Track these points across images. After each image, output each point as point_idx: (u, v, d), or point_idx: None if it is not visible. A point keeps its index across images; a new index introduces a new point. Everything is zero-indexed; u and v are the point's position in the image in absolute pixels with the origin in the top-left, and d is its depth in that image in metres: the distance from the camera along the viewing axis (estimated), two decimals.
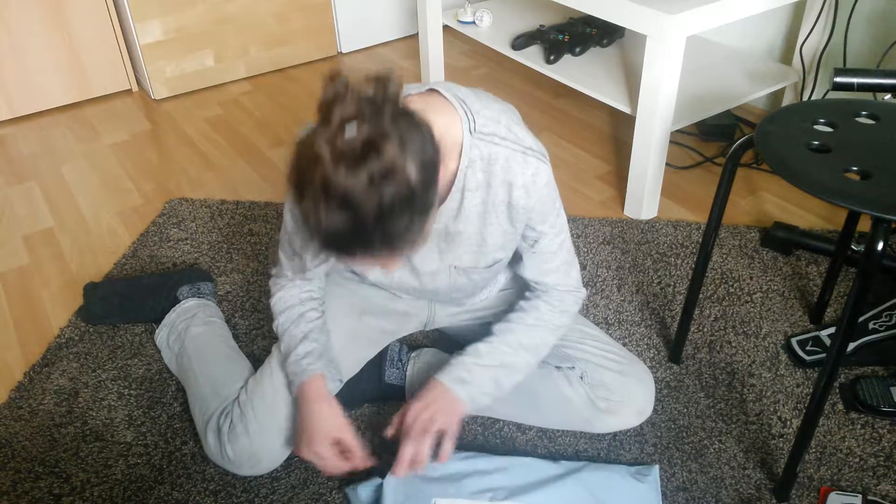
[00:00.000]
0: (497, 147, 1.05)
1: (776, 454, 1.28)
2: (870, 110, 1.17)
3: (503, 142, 1.06)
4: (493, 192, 1.08)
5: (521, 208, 1.09)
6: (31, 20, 2.38)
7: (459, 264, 1.17)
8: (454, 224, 1.11)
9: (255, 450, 1.20)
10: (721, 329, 1.54)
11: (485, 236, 1.13)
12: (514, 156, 1.06)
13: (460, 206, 1.09)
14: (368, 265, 0.92)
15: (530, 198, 1.08)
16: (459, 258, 1.16)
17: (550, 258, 1.18)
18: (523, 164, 1.06)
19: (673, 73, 1.68)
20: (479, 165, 1.06)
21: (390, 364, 1.36)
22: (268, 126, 2.42)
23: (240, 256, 1.79)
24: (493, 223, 1.11)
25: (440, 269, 1.18)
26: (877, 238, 0.96)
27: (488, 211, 1.10)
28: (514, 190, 1.07)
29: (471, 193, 1.08)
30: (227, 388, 1.29)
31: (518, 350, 1.19)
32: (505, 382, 1.19)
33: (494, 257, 1.16)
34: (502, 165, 1.06)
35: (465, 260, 1.16)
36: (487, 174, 1.06)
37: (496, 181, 1.07)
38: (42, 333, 1.62)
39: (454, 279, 1.20)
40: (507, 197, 1.08)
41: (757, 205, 1.93)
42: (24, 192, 2.12)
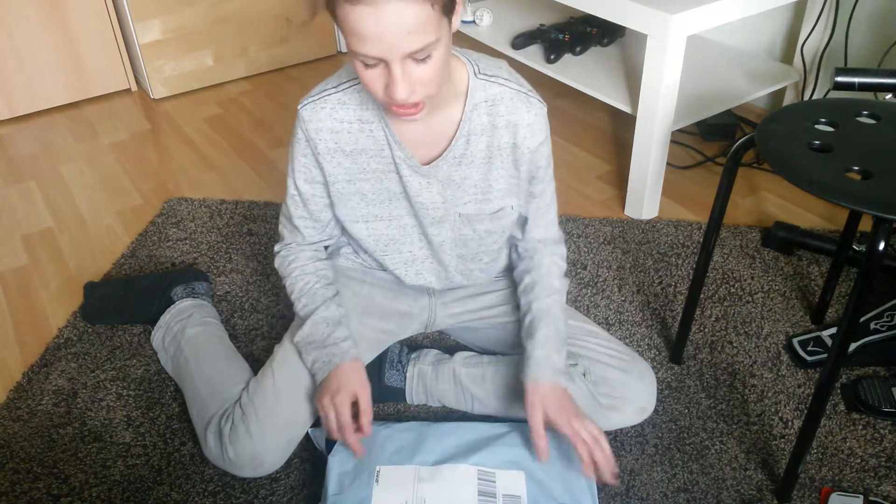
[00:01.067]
0: (501, 87, 1.10)
1: (777, 455, 1.28)
2: (871, 110, 1.17)
3: (507, 83, 1.10)
4: (498, 134, 1.11)
5: (525, 149, 1.13)
6: (31, 20, 2.38)
7: (464, 211, 1.18)
8: (458, 170, 1.14)
9: (256, 451, 1.19)
10: (722, 329, 1.53)
11: (490, 182, 1.16)
12: (518, 96, 1.10)
13: (465, 152, 1.12)
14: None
15: (535, 138, 1.12)
16: (464, 206, 1.18)
17: (547, 212, 1.24)
18: (527, 104, 1.10)
19: (673, 73, 1.67)
20: (483, 108, 1.10)
21: (390, 366, 1.36)
22: (267, 126, 2.42)
23: (239, 256, 1.79)
24: (498, 167, 1.15)
25: (445, 218, 1.19)
26: (878, 238, 0.95)
27: (493, 155, 1.13)
28: (518, 130, 1.11)
29: (476, 138, 1.11)
30: (226, 390, 1.28)
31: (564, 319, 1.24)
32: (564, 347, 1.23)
33: (500, 204, 1.18)
34: (507, 106, 1.10)
35: (470, 208, 1.18)
36: (492, 116, 1.10)
37: (501, 122, 1.11)
38: (41, 334, 1.61)
39: (459, 229, 1.21)
40: (511, 139, 1.12)
41: (758, 204, 1.92)
42: (23, 192, 2.11)
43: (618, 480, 1.21)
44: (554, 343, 1.20)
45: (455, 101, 1.09)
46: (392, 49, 0.89)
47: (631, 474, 1.25)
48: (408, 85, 0.93)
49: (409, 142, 1.12)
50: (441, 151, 1.12)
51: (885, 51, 1.92)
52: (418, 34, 0.88)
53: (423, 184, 1.15)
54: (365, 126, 1.12)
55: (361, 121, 1.11)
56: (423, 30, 0.88)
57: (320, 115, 1.11)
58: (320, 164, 1.16)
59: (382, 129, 1.11)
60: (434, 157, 1.13)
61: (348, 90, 1.11)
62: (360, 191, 1.18)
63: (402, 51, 0.89)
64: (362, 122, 1.11)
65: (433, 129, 1.11)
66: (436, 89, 0.97)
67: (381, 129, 1.11)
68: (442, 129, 1.11)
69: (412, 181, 1.15)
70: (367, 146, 1.13)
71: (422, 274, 1.30)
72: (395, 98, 0.94)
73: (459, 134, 1.10)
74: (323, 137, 1.13)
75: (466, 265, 1.29)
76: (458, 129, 1.10)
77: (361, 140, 1.13)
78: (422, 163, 1.13)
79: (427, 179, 1.14)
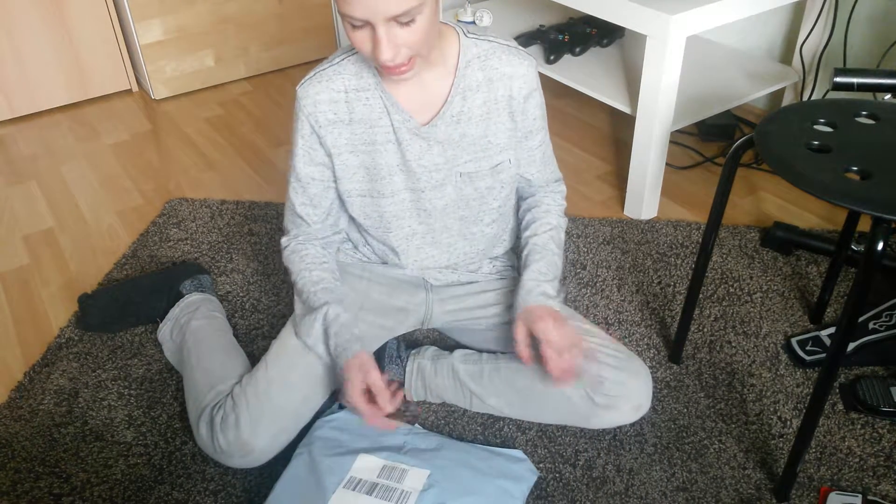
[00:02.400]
0: (491, 43, 1.15)
1: (776, 454, 1.28)
2: (870, 110, 1.17)
3: (496, 40, 1.16)
4: (493, 87, 1.15)
5: (520, 99, 1.16)
6: (31, 20, 2.38)
7: (464, 170, 1.20)
8: (457, 128, 1.17)
9: (245, 440, 1.20)
10: (721, 329, 1.54)
11: (488, 137, 1.19)
12: (509, 50, 1.15)
13: (462, 109, 1.15)
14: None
15: (528, 87, 1.16)
16: (465, 164, 1.20)
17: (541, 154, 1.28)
18: (519, 57, 1.15)
19: (673, 73, 1.68)
20: (476, 64, 1.14)
21: (389, 361, 1.37)
22: (268, 126, 2.42)
23: (240, 256, 1.80)
24: (496, 122, 1.18)
25: (447, 180, 1.21)
26: (877, 238, 0.96)
27: (490, 110, 1.17)
28: (514, 81, 1.15)
29: (472, 94, 1.15)
30: (221, 383, 1.30)
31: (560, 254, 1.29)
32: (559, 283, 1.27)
33: (499, 159, 1.21)
34: (500, 58, 1.14)
35: (470, 166, 1.21)
36: (486, 70, 1.14)
37: (496, 75, 1.15)
38: (42, 333, 1.62)
39: (460, 189, 1.23)
40: (507, 91, 1.16)
41: (757, 205, 1.93)
42: (24, 192, 2.12)
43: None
44: (546, 275, 1.23)
45: (445, 62, 1.13)
46: (375, 12, 0.94)
47: (630, 473, 1.26)
48: (392, 47, 0.98)
49: (407, 104, 1.15)
50: (438, 111, 1.15)
51: (885, 51, 1.92)
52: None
53: (423, 146, 1.17)
54: (361, 94, 1.15)
55: (357, 89, 1.15)
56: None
57: (317, 89, 1.15)
58: (321, 139, 1.18)
59: (379, 96, 1.14)
60: (432, 118, 1.16)
61: (343, 62, 1.15)
62: (363, 164, 1.20)
63: (385, 13, 0.94)
64: (358, 90, 1.15)
65: (428, 89, 1.14)
66: (422, 50, 1.02)
67: (378, 95, 1.14)
68: (437, 88, 1.14)
69: (412, 145, 1.17)
70: (364, 114, 1.16)
71: (423, 248, 1.31)
72: (379, 59, 0.99)
73: (454, 91, 1.13)
74: (321, 110, 1.16)
75: (469, 228, 1.30)
76: (453, 86, 1.13)
77: (359, 108, 1.16)
78: (421, 125, 1.16)
79: (427, 142, 1.17)
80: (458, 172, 1.21)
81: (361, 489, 1.13)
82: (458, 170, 1.21)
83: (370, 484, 1.13)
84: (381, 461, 1.17)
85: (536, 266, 1.24)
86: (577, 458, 1.28)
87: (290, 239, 1.29)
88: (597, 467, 1.26)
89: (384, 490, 1.12)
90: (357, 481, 1.14)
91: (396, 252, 1.31)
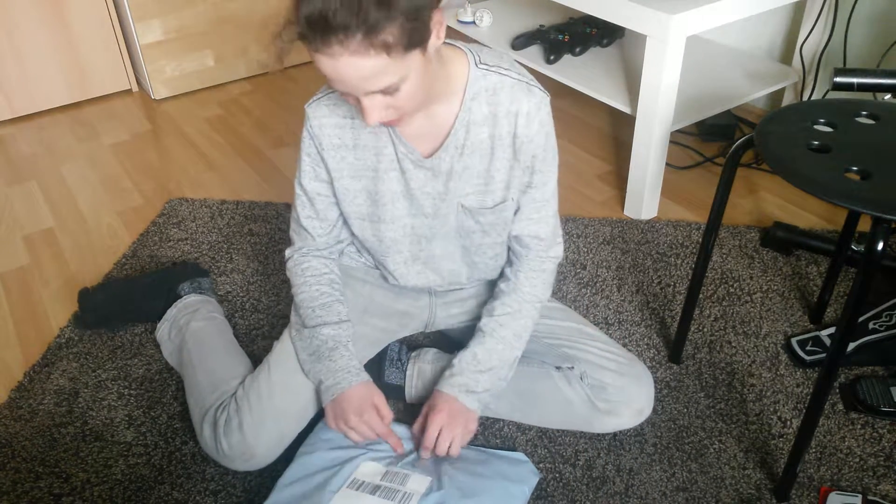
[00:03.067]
0: (502, 77, 1.10)
1: (776, 454, 1.28)
2: (870, 110, 1.17)
3: (508, 72, 1.11)
4: (499, 123, 1.11)
5: (524, 137, 1.12)
6: (32, 20, 2.38)
7: (466, 203, 1.19)
8: (460, 160, 1.14)
9: (249, 444, 1.20)
10: (721, 329, 1.54)
11: (492, 173, 1.16)
12: (518, 85, 1.10)
13: (465, 142, 1.12)
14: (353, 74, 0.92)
15: (533, 125, 1.12)
16: (466, 197, 1.18)
17: (543, 207, 1.23)
18: (528, 94, 1.10)
19: (673, 73, 1.68)
20: (483, 97, 1.10)
21: (390, 364, 1.37)
22: (268, 126, 2.42)
23: (240, 256, 1.80)
24: (500, 157, 1.15)
25: (449, 211, 1.20)
26: (877, 238, 0.96)
27: (495, 146, 1.14)
28: (519, 118, 1.11)
29: (476, 127, 1.12)
30: (224, 384, 1.30)
31: (511, 342, 1.25)
32: (505, 375, 1.25)
33: (502, 196, 1.18)
34: (507, 94, 1.10)
35: (472, 200, 1.18)
36: (493, 105, 1.11)
37: (501, 111, 1.11)
38: (42, 333, 1.62)
39: (462, 221, 1.21)
40: (512, 128, 1.12)
41: (757, 205, 1.93)
42: (24, 192, 2.12)
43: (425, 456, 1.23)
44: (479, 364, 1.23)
45: (453, 93, 1.10)
46: (355, 90, 0.94)
47: (630, 473, 1.26)
48: (377, 112, 0.98)
49: (411, 136, 1.13)
50: (442, 143, 1.13)
51: (885, 51, 1.92)
52: (377, 79, 0.92)
53: (426, 176, 1.16)
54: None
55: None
56: (381, 75, 0.92)
57: (324, 112, 1.14)
58: (325, 161, 1.17)
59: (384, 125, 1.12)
60: (435, 150, 1.14)
61: None
62: (365, 188, 1.19)
63: (363, 91, 0.95)
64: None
65: (434, 121, 1.12)
66: (413, 108, 1.01)
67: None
68: (442, 120, 1.12)
69: (415, 176, 1.16)
70: (369, 142, 1.15)
71: (423, 274, 1.30)
72: (366, 122, 0.99)
73: (459, 123, 1.11)
74: (327, 133, 1.15)
75: (471, 257, 1.29)
76: (458, 118, 1.11)
77: (363, 136, 1.14)
78: (424, 156, 1.14)
79: (431, 172, 1.15)
80: (460, 204, 1.19)
81: (365, 489, 1.13)
82: (459, 201, 1.19)
83: (373, 486, 1.14)
84: (383, 468, 1.18)
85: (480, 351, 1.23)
86: (577, 459, 1.28)
87: (294, 251, 1.29)
88: (597, 467, 1.26)
89: (387, 491, 1.12)
90: (360, 483, 1.14)
91: (393, 276, 1.31)
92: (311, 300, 1.25)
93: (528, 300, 1.26)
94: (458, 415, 1.19)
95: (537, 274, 1.27)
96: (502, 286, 1.28)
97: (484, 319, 1.26)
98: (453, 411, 1.19)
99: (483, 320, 1.26)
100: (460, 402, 1.20)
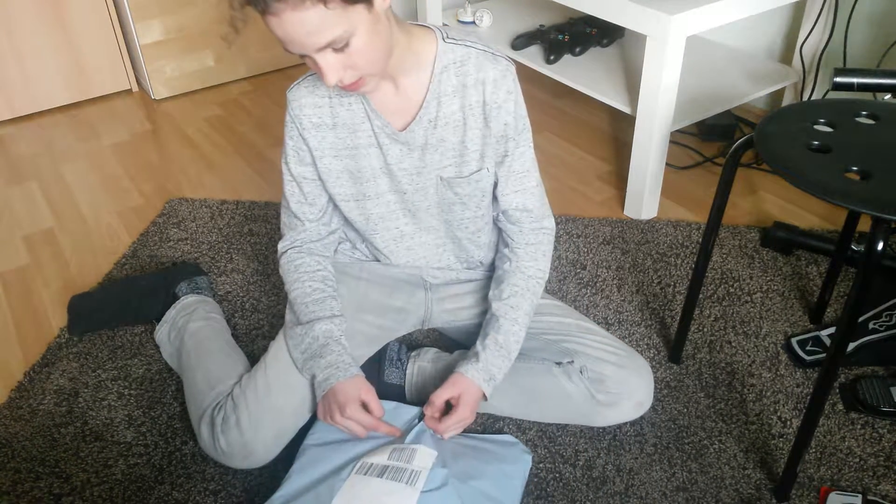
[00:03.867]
0: (468, 48, 1.14)
1: (776, 454, 1.28)
2: (870, 110, 1.17)
3: (474, 45, 1.15)
4: (468, 93, 1.15)
5: (493, 104, 1.15)
6: (31, 20, 2.38)
7: (444, 175, 1.21)
8: (434, 132, 1.17)
9: (247, 441, 1.21)
10: (721, 329, 1.54)
11: (466, 143, 1.18)
12: (485, 55, 1.14)
13: (437, 114, 1.15)
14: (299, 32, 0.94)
15: (500, 92, 1.15)
16: (444, 169, 1.20)
17: (524, 178, 1.24)
18: (494, 62, 1.14)
19: (673, 73, 1.68)
20: (452, 70, 1.14)
21: (390, 363, 1.37)
22: (268, 126, 2.42)
23: (240, 256, 1.80)
24: (472, 127, 1.17)
25: (428, 183, 1.22)
26: (877, 238, 0.96)
27: (467, 116, 1.17)
28: (486, 86, 1.14)
29: (448, 99, 1.15)
30: (221, 383, 1.30)
31: (523, 322, 1.26)
32: (515, 356, 1.26)
33: (476, 166, 1.20)
34: (474, 64, 1.14)
35: (450, 171, 1.21)
36: (461, 76, 1.14)
37: (470, 81, 1.14)
38: (42, 333, 1.62)
39: (442, 193, 1.23)
40: (480, 97, 1.15)
41: (757, 205, 1.93)
42: (24, 192, 2.12)
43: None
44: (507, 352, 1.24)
45: (421, 67, 1.13)
46: (305, 47, 0.97)
47: (630, 473, 1.26)
48: (334, 72, 0.99)
49: (385, 111, 1.16)
50: (414, 116, 1.16)
51: (885, 51, 1.92)
52: (321, 33, 0.94)
53: (402, 150, 1.18)
54: (344, 100, 1.16)
55: (341, 94, 1.16)
56: (324, 28, 0.94)
57: (303, 93, 1.18)
58: (306, 141, 1.20)
59: (361, 102, 1.16)
60: (408, 123, 1.16)
61: None
62: (347, 168, 1.21)
63: (313, 48, 0.96)
64: (342, 95, 1.16)
65: (405, 96, 1.15)
66: (370, 68, 1.02)
67: (360, 101, 1.16)
68: (413, 94, 1.15)
69: (392, 150, 1.18)
70: (346, 119, 1.18)
71: (413, 249, 1.32)
72: (326, 84, 1.01)
73: (430, 96, 1.14)
74: (306, 113, 1.18)
75: (454, 232, 1.30)
76: (429, 91, 1.14)
77: (342, 113, 1.17)
78: (398, 130, 1.16)
79: (406, 146, 1.18)
80: (439, 176, 1.21)
81: (373, 472, 1.13)
82: (438, 173, 1.21)
83: (381, 467, 1.14)
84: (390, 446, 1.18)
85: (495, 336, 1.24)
86: (577, 458, 1.28)
87: (287, 246, 1.30)
88: (597, 467, 1.26)
89: (394, 471, 1.13)
90: (369, 466, 1.14)
91: (384, 254, 1.32)
92: (304, 296, 1.26)
93: (531, 275, 1.28)
94: (475, 403, 1.21)
95: (535, 247, 1.28)
96: (504, 267, 1.29)
97: (495, 304, 1.26)
98: (474, 402, 1.21)
99: (494, 305, 1.26)
100: (481, 389, 1.21)
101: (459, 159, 1.20)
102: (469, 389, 1.20)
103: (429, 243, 1.32)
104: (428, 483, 1.11)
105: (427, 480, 1.11)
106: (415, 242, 1.31)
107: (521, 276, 1.27)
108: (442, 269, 1.36)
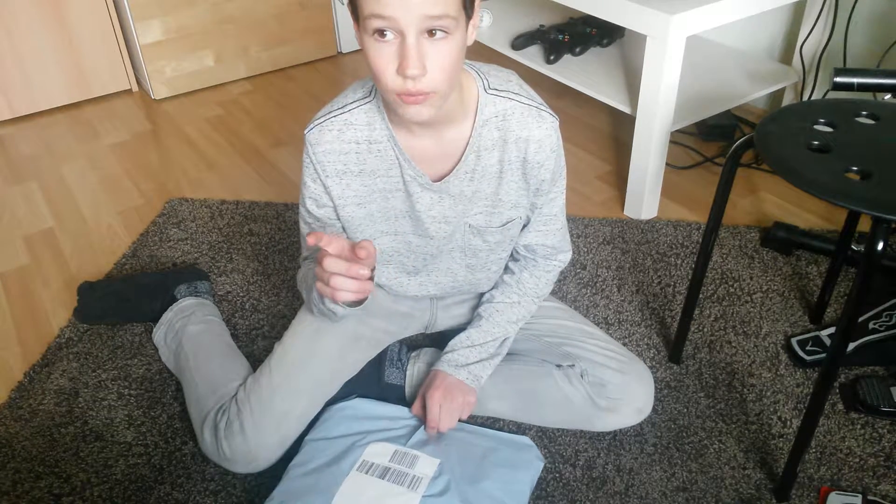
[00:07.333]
0: (512, 102, 1.09)
1: (776, 454, 1.28)
2: (870, 110, 1.17)
3: (517, 97, 1.09)
4: (508, 148, 1.10)
5: (535, 163, 1.12)
6: (31, 20, 2.38)
7: (473, 223, 1.18)
8: (470, 185, 1.13)
9: (250, 447, 1.20)
10: (721, 329, 1.54)
11: (500, 195, 1.15)
12: (528, 111, 1.09)
13: (475, 167, 1.11)
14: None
15: (544, 151, 1.11)
16: (474, 217, 1.17)
17: (551, 221, 1.23)
18: (538, 119, 1.09)
19: (673, 73, 1.68)
20: (493, 123, 1.09)
21: (390, 364, 1.36)
22: (268, 126, 2.42)
23: (240, 256, 1.79)
24: (509, 181, 1.14)
25: (455, 231, 1.19)
26: (877, 238, 0.96)
27: (504, 170, 1.12)
28: (529, 145, 1.10)
29: (487, 153, 1.10)
30: (224, 387, 1.30)
31: (505, 326, 1.28)
32: (496, 350, 1.29)
33: (509, 216, 1.18)
34: (518, 121, 1.09)
35: (480, 219, 1.18)
36: (503, 131, 1.09)
37: (512, 137, 1.09)
38: (42, 333, 1.62)
39: (468, 240, 1.21)
40: (522, 153, 1.11)
41: (757, 205, 1.93)
42: (24, 193, 2.12)
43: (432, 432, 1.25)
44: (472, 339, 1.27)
45: (465, 117, 1.07)
46: (409, 8, 0.86)
47: (630, 473, 1.26)
48: (420, 62, 0.89)
49: (419, 159, 1.09)
50: (451, 167, 1.11)
51: (885, 51, 1.92)
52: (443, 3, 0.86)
53: (434, 199, 1.13)
54: (373, 146, 1.09)
55: (370, 141, 1.09)
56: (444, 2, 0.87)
57: (327, 138, 1.08)
58: (328, 189, 1.12)
59: (392, 148, 1.09)
60: (444, 174, 1.11)
61: (354, 110, 1.08)
62: (370, 213, 1.16)
63: (420, 12, 0.86)
64: (370, 142, 1.09)
65: (443, 145, 1.09)
66: (445, 82, 0.93)
67: (391, 147, 1.09)
68: (452, 145, 1.09)
69: (422, 198, 1.13)
70: (375, 166, 1.11)
71: (425, 286, 1.30)
72: (406, 72, 0.89)
73: (469, 149, 1.08)
74: (331, 160, 1.09)
75: (475, 275, 1.28)
76: (468, 144, 1.08)
77: (370, 160, 1.10)
78: (432, 180, 1.11)
79: (438, 195, 1.13)
80: (468, 224, 1.18)
81: (374, 472, 1.14)
82: (467, 221, 1.17)
83: (382, 468, 1.14)
84: (392, 447, 1.18)
85: (475, 333, 1.28)
86: (577, 458, 1.28)
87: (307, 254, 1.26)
88: (597, 467, 1.26)
89: (396, 474, 1.13)
90: (370, 465, 1.15)
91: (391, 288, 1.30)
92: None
93: (529, 294, 1.29)
94: (454, 389, 1.22)
95: (542, 274, 1.29)
96: (505, 278, 1.30)
97: (483, 305, 1.28)
98: (449, 386, 1.23)
99: (482, 306, 1.28)
100: (452, 376, 1.24)
101: (491, 209, 1.16)
102: (436, 376, 1.23)
103: (443, 283, 1.29)
104: (429, 488, 1.11)
105: (428, 486, 1.11)
106: (429, 280, 1.28)
107: (519, 290, 1.29)
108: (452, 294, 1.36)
